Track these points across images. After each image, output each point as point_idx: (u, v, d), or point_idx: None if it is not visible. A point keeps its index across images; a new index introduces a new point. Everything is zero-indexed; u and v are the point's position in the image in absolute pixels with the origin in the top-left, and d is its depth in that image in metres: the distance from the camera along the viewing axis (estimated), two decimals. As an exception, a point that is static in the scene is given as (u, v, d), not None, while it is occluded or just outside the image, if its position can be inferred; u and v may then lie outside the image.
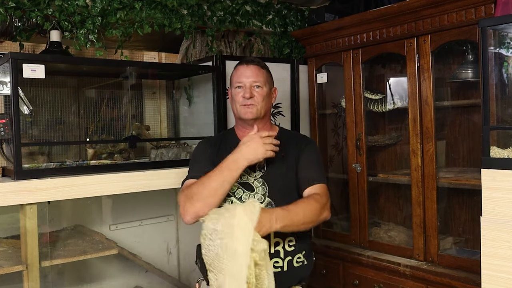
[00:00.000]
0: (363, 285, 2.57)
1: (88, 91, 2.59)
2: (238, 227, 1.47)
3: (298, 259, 1.75)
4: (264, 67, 1.85)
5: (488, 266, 1.74)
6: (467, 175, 2.35)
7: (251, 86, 1.79)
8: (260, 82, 1.80)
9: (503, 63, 1.85)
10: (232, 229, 1.47)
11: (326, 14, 2.82)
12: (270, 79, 1.88)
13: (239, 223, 1.48)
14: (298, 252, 1.75)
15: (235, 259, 1.45)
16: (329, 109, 2.97)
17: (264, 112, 1.83)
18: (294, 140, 1.88)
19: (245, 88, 1.79)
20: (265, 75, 1.84)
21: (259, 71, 1.82)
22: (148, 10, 2.57)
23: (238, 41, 3.10)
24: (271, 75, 1.90)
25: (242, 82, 1.80)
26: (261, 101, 1.80)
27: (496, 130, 1.81)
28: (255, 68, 1.82)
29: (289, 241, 1.74)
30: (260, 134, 1.70)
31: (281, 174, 1.78)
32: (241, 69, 1.83)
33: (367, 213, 2.64)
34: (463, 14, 2.14)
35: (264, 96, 1.81)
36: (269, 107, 1.89)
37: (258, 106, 1.80)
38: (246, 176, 1.78)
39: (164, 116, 2.90)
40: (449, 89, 2.53)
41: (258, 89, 1.80)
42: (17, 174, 1.89)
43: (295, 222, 1.61)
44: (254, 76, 1.80)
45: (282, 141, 1.79)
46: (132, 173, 2.13)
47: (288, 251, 1.73)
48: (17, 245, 2.10)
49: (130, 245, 2.46)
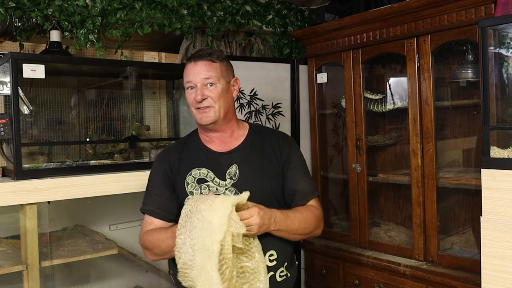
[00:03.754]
0: (363, 285, 2.57)
1: (88, 91, 2.59)
2: (218, 202, 1.39)
3: (281, 273, 1.60)
4: (216, 59, 1.60)
5: (488, 266, 1.74)
6: (467, 175, 2.35)
7: (202, 85, 1.57)
8: (212, 78, 1.57)
9: (503, 63, 1.85)
10: (212, 202, 1.40)
11: (326, 14, 2.82)
12: (226, 71, 1.63)
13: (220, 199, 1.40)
14: (280, 266, 1.60)
15: (209, 231, 1.37)
16: (329, 109, 2.97)
17: (224, 111, 1.60)
18: (268, 139, 1.68)
19: (196, 89, 1.57)
20: (218, 68, 1.59)
21: (210, 66, 1.57)
22: (148, 10, 2.57)
23: (238, 41, 3.10)
24: (228, 66, 1.65)
25: (191, 81, 1.58)
26: (217, 100, 1.57)
27: (496, 130, 1.81)
28: (205, 63, 1.58)
29: (270, 255, 1.57)
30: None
31: (257, 180, 1.60)
32: (189, 67, 1.60)
33: (367, 213, 2.64)
34: (463, 14, 2.14)
35: (220, 94, 1.57)
36: (230, 103, 1.65)
37: (215, 107, 1.57)
38: (215, 187, 1.59)
39: (164, 116, 2.89)
40: (449, 89, 2.53)
41: (212, 87, 1.57)
42: (17, 174, 1.89)
43: (289, 229, 1.53)
44: (204, 72, 1.56)
45: (254, 140, 1.64)
46: (132, 173, 2.13)
47: (270, 266, 1.57)
48: (17, 245, 2.10)
49: (130, 245, 2.45)
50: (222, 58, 1.63)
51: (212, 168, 1.62)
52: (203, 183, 1.61)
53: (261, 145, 1.66)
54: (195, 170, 1.62)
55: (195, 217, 1.41)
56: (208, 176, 1.61)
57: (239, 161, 1.62)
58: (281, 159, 1.64)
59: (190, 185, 1.61)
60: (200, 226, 1.39)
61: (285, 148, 1.67)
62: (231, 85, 1.65)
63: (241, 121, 1.75)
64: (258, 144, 1.66)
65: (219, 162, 1.62)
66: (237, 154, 1.64)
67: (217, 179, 1.60)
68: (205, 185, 1.60)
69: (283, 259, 1.61)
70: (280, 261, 1.60)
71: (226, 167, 1.61)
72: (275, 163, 1.64)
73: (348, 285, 2.64)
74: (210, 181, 1.60)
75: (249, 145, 1.66)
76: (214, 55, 1.61)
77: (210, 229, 1.37)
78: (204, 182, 1.61)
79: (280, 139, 1.70)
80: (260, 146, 1.66)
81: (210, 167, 1.62)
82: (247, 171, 1.60)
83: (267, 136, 1.70)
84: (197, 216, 1.40)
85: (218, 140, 1.67)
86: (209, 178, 1.61)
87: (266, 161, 1.64)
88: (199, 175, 1.61)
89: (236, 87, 1.68)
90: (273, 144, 1.66)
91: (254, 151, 1.64)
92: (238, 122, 1.72)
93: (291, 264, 1.67)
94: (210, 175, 1.61)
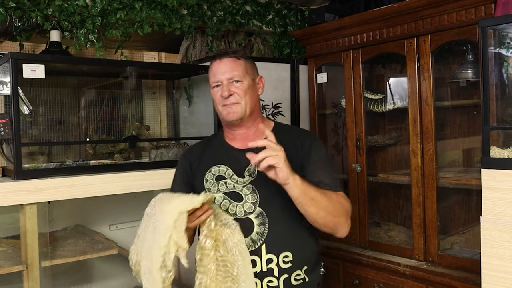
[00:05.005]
0: (363, 285, 2.57)
1: (88, 91, 2.59)
2: (170, 207, 1.38)
3: (297, 276, 1.55)
4: (241, 57, 1.62)
5: (488, 266, 1.74)
6: (467, 175, 2.35)
7: (228, 82, 1.58)
8: (238, 75, 1.58)
9: (503, 63, 1.85)
10: (165, 206, 1.40)
11: (326, 14, 2.82)
12: (251, 69, 1.65)
13: (173, 204, 1.40)
14: (297, 269, 1.55)
15: (157, 235, 1.37)
16: (329, 109, 2.97)
17: (250, 108, 1.60)
18: (293, 137, 1.66)
19: (222, 86, 1.59)
20: (243, 66, 1.61)
21: (235, 63, 1.59)
22: (148, 10, 2.57)
23: (238, 41, 3.10)
24: (252, 64, 1.67)
25: (218, 79, 1.60)
26: (243, 96, 1.58)
27: (496, 130, 1.81)
28: (230, 60, 1.60)
29: (285, 257, 1.54)
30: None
31: None
32: (215, 66, 1.62)
33: (367, 213, 2.64)
34: (463, 14, 2.14)
35: (246, 90, 1.59)
36: (256, 101, 1.66)
37: (241, 103, 1.58)
38: (232, 184, 1.58)
39: (164, 116, 2.90)
40: (449, 89, 2.53)
41: (238, 84, 1.58)
42: (17, 174, 1.89)
43: (312, 195, 1.43)
44: (229, 70, 1.58)
45: (278, 138, 1.57)
46: (132, 173, 2.13)
47: (284, 268, 1.53)
48: (17, 245, 2.09)
49: (130, 245, 2.45)
50: (246, 56, 1.65)
51: (232, 165, 1.62)
52: (221, 180, 1.61)
53: (283, 143, 1.60)
54: (214, 167, 1.63)
55: (151, 218, 1.43)
56: (227, 173, 1.61)
57: None
58: (301, 154, 1.61)
59: (209, 182, 1.62)
60: (151, 229, 1.40)
61: (307, 143, 1.63)
62: (256, 82, 1.66)
63: (266, 119, 1.76)
64: (280, 141, 1.61)
65: (239, 159, 1.61)
66: (257, 151, 1.59)
67: (235, 176, 1.59)
68: (223, 182, 1.60)
69: (302, 262, 1.56)
70: (297, 263, 1.55)
71: (246, 164, 1.59)
72: (295, 161, 1.55)
73: (348, 285, 2.64)
74: (228, 178, 1.60)
75: None
76: (239, 52, 1.63)
77: (158, 233, 1.37)
78: (222, 179, 1.61)
79: (302, 135, 1.68)
80: (282, 143, 1.60)
81: (230, 164, 1.62)
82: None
83: (289, 134, 1.68)
84: (151, 218, 1.43)
85: (241, 137, 1.66)
86: (228, 175, 1.61)
87: (289, 157, 1.60)
88: (218, 172, 1.62)
89: (261, 85, 1.69)
90: (295, 141, 1.64)
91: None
92: (263, 120, 1.72)
93: (313, 269, 1.61)
94: (229, 172, 1.61)
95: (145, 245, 1.42)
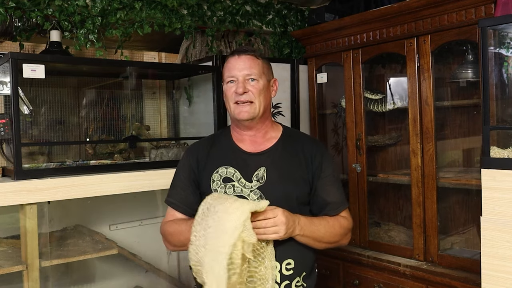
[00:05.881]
0: (363, 285, 2.57)
1: (88, 91, 2.59)
2: (236, 206, 1.39)
3: (297, 283, 1.57)
4: (259, 57, 1.62)
5: (488, 266, 1.74)
6: (467, 175, 2.35)
7: (244, 79, 1.56)
8: (255, 74, 1.56)
9: (503, 63, 1.85)
10: (230, 205, 1.39)
11: (326, 14, 2.82)
12: (267, 70, 1.64)
13: (239, 203, 1.40)
14: (297, 276, 1.56)
15: (222, 232, 1.36)
16: (329, 109, 2.97)
17: (262, 109, 1.59)
18: (300, 144, 1.65)
19: (237, 83, 1.56)
20: (260, 65, 1.59)
21: (253, 62, 1.58)
22: (148, 10, 2.57)
23: (238, 41, 3.10)
24: (269, 65, 1.66)
25: (234, 75, 1.57)
26: (257, 95, 1.56)
27: (496, 130, 1.81)
28: (249, 58, 1.58)
29: (287, 264, 1.55)
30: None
31: (284, 185, 1.57)
32: (232, 61, 1.59)
33: (367, 213, 2.64)
34: (463, 14, 2.14)
35: (260, 90, 1.57)
36: (269, 103, 1.64)
37: (255, 103, 1.56)
38: (240, 187, 1.57)
39: (164, 116, 2.90)
40: (449, 89, 2.53)
41: (253, 83, 1.56)
42: (17, 174, 1.89)
43: (314, 235, 1.51)
44: (247, 67, 1.56)
45: (286, 144, 1.61)
46: (132, 173, 2.13)
47: (286, 275, 1.54)
48: (17, 245, 2.09)
49: (130, 245, 2.46)
50: (264, 57, 1.65)
51: (240, 168, 1.60)
52: (229, 182, 1.59)
53: (293, 150, 1.62)
54: (222, 168, 1.61)
55: (211, 217, 1.40)
56: (235, 176, 1.59)
57: (268, 164, 1.59)
58: (312, 167, 1.61)
59: (216, 183, 1.60)
60: (214, 226, 1.38)
61: (318, 156, 1.63)
62: (270, 85, 1.65)
63: (276, 123, 1.73)
64: (289, 149, 1.62)
65: (248, 163, 1.60)
66: (266, 156, 1.61)
67: (243, 180, 1.58)
68: (230, 185, 1.58)
69: (301, 269, 1.58)
70: (298, 270, 1.56)
71: (254, 169, 1.58)
72: (304, 171, 1.59)
73: (348, 285, 2.64)
74: (236, 181, 1.58)
75: (280, 149, 1.63)
76: (257, 52, 1.64)
77: (224, 231, 1.35)
78: (230, 182, 1.59)
79: (314, 146, 1.66)
80: (291, 151, 1.62)
81: (238, 167, 1.60)
82: (275, 175, 1.57)
83: (299, 141, 1.66)
84: (213, 216, 1.40)
85: (249, 139, 1.65)
86: (235, 178, 1.59)
87: (296, 167, 1.60)
88: (226, 174, 1.60)
89: (275, 87, 1.68)
90: (305, 150, 1.63)
91: (284, 155, 1.61)
92: (272, 123, 1.69)
93: (309, 274, 1.62)
94: (237, 175, 1.59)
95: (208, 242, 1.39)
